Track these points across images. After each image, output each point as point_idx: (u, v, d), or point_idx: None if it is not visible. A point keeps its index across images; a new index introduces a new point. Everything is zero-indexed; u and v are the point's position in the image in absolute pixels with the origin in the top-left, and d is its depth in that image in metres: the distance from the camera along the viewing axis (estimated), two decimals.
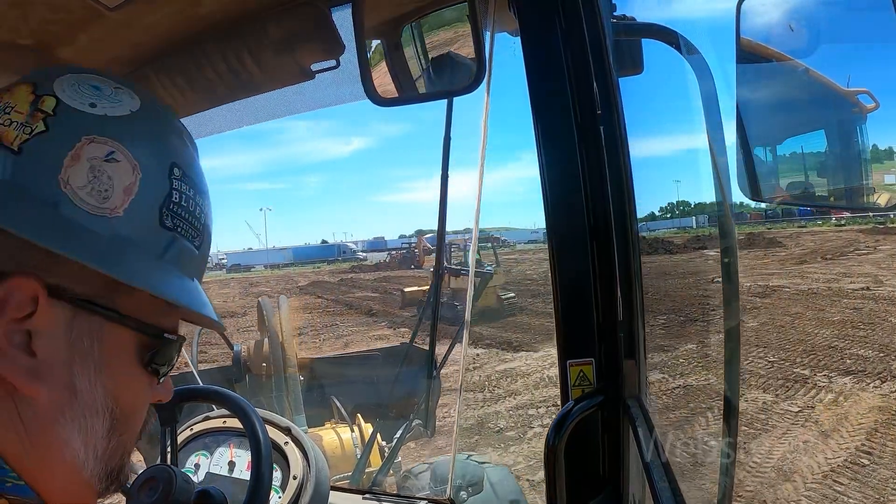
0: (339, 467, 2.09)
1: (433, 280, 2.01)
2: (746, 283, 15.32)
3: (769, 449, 5.97)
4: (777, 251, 24.07)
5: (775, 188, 0.98)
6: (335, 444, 2.24)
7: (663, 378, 7.57)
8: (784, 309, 12.32)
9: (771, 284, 15.19)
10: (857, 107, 0.84)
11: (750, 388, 7.57)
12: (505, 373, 9.99)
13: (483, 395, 9.00)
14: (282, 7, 1.13)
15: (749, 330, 10.32)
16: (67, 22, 1.15)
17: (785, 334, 10.29)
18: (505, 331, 13.68)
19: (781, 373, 8.21)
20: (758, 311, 12.13)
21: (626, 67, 1.03)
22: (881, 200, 0.88)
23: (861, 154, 0.88)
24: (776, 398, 7.33)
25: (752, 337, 9.98)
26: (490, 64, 1.03)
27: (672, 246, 24.88)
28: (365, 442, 2.22)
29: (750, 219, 35.05)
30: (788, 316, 11.64)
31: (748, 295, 13.68)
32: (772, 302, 13.08)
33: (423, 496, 1.80)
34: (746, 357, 8.65)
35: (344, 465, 2.12)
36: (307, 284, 31.11)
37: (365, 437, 2.29)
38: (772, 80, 0.91)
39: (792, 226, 27.92)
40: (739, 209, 37.12)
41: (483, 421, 7.82)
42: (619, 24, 1.02)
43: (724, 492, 1.11)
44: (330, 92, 1.29)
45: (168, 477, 1.08)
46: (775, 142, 0.96)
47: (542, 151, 0.97)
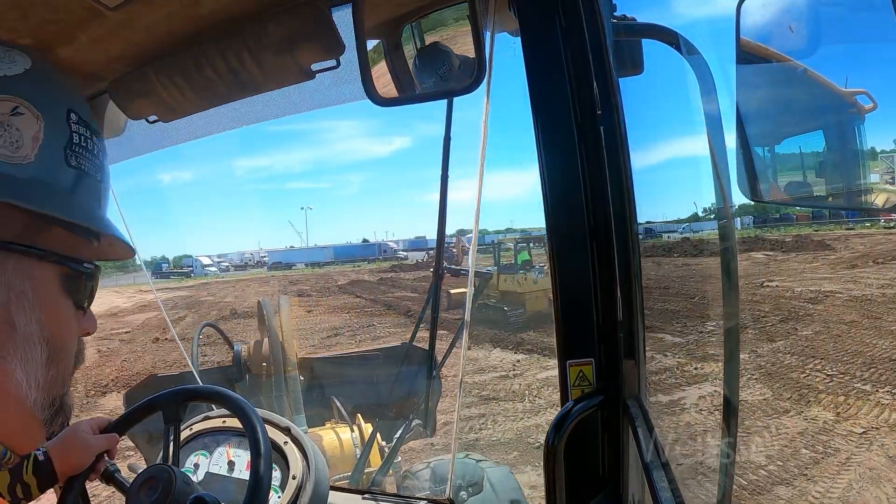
0: (339, 467, 2.09)
1: (433, 280, 2.01)
2: (797, 288, 14.39)
3: (834, 476, 5.34)
4: (826, 254, 22.17)
5: (774, 188, 0.99)
6: (335, 443, 2.24)
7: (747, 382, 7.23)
8: (839, 316, 11.36)
9: (823, 290, 14.15)
10: (856, 107, 0.84)
11: (809, 404, 6.93)
12: (547, 381, 9.14)
13: (523, 405, 8.26)
14: (282, 7, 1.13)
15: (803, 339, 9.75)
16: (67, 22, 1.15)
17: (842, 344, 9.40)
18: (549, 335, 12.45)
19: (841, 388, 7.39)
20: (811, 319, 11.30)
21: (626, 68, 1.03)
22: (879, 200, 0.88)
23: (859, 154, 0.88)
24: (837, 417, 6.59)
25: (807, 347, 9.30)
26: (490, 64, 1.03)
27: (719, 248, 24.26)
28: (365, 442, 2.21)
29: (797, 220, 34.33)
30: (844, 324, 10.66)
31: (800, 301, 12.91)
32: (825, 308, 12.18)
33: (423, 496, 1.80)
34: (803, 370, 8.08)
35: (343, 465, 2.12)
36: (346, 283, 30.27)
37: (365, 437, 2.29)
38: (771, 81, 0.91)
39: (839, 227, 26.64)
40: (787, 211, 36.71)
41: (522, 435, 7.13)
42: (620, 24, 1.02)
43: (723, 492, 1.11)
44: (330, 92, 1.29)
45: (168, 477, 1.08)
46: (775, 142, 0.96)
47: (542, 151, 0.97)
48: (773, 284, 15.37)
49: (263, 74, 1.23)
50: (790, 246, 24.46)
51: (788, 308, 12.22)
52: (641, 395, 0.99)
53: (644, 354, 1.01)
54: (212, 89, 1.29)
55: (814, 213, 35.75)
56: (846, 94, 0.85)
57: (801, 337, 9.87)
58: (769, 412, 6.48)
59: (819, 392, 7.27)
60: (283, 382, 2.27)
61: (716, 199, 1.06)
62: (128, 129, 1.63)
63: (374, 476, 1.96)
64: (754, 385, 7.30)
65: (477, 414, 7.77)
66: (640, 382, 0.99)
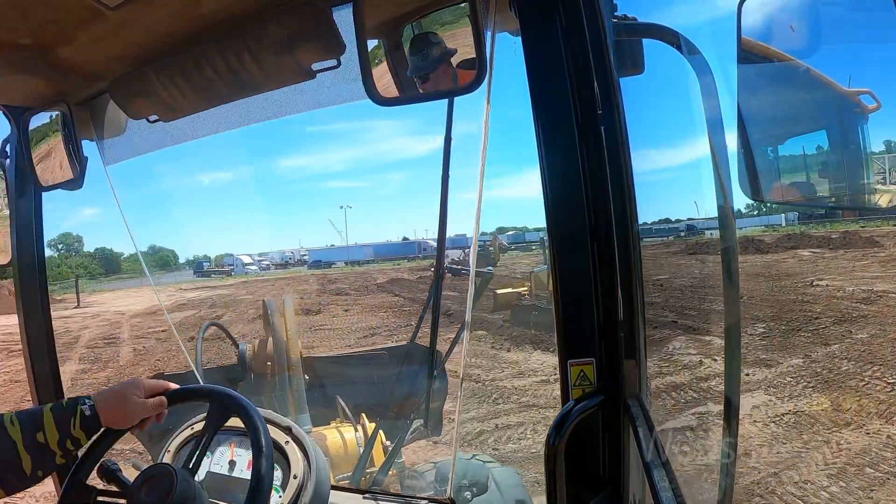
0: (342, 467, 2.09)
1: (433, 280, 2.01)
2: (849, 288, 13.27)
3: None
4: (876, 252, 20.44)
5: (776, 188, 0.98)
6: (338, 443, 2.23)
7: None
8: (895, 318, 10.45)
9: (875, 289, 13.01)
10: (859, 107, 0.84)
11: (870, 416, 6.23)
12: None
13: (553, 413, 7.72)
14: (282, 7, 1.13)
15: (859, 343, 8.86)
16: (67, 22, 1.15)
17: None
18: None
19: None
20: (865, 321, 10.25)
21: (627, 67, 1.03)
22: (882, 201, 0.88)
23: (863, 155, 0.88)
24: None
25: (863, 352, 8.39)
26: (491, 64, 1.03)
27: (763, 245, 23.35)
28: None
29: (843, 216, 33.03)
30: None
31: (852, 301, 11.86)
32: (879, 310, 11.10)
33: (425, 496, 1.80)
34: (861, 377, 7.33)
35: (347, 465, 2.12)
36: (385, 282, 27.81)
37: (369, 436, 2.30)
38: (773, 80, 0.91)
39: (887, 223, 25.06)
40: (834, 205, 35.37)
41: None
42: (620, 24, 1.01)
43: (724, 492, 1.11)
44: (331, 91, 1.29)
45: (169, 476, 1.08)
46: (776, 142, 0.96)
47: (542, 151, 0.97)
48: (824, 284, 14.21)
49: (264, 74, 1.23)
50: (837, 243, 22.81)
51: (841, 309, 11.27)
52: (642, 394, 0.99)
53: (645, 354, 1.01)
54: (212, 89, 1.29)
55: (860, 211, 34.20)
56: (850, 94, 0.84)
57: (856, 340, 8.96)
58: (829, 425, 5.90)
59: (881, 403, 6.59)
60: (286, 382, 2.28)
61: (717, 199, 1.06)
62: (128, 129, 1.63)
63: (375, 475, 1.96)
64: (811, 394, 6.71)
65: (515, 422, 7.00)
66: (641, 382, 0.99)
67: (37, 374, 1.77)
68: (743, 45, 0.87)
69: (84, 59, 1.33)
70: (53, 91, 1.48)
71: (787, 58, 0.86)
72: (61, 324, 21.98)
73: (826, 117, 0.90)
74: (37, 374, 1.77)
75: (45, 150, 1.59)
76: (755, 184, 0.92)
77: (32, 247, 1.74)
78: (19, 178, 1.68)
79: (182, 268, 52.41)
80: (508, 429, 6.78)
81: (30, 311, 1.76)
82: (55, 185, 1.60)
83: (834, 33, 0.84)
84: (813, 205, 0.96)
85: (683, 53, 0.98)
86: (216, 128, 1.51)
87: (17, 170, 1.67)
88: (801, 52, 0.85)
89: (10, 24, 1.14)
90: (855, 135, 0.87)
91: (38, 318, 1.77)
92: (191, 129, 1.52)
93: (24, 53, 1.26)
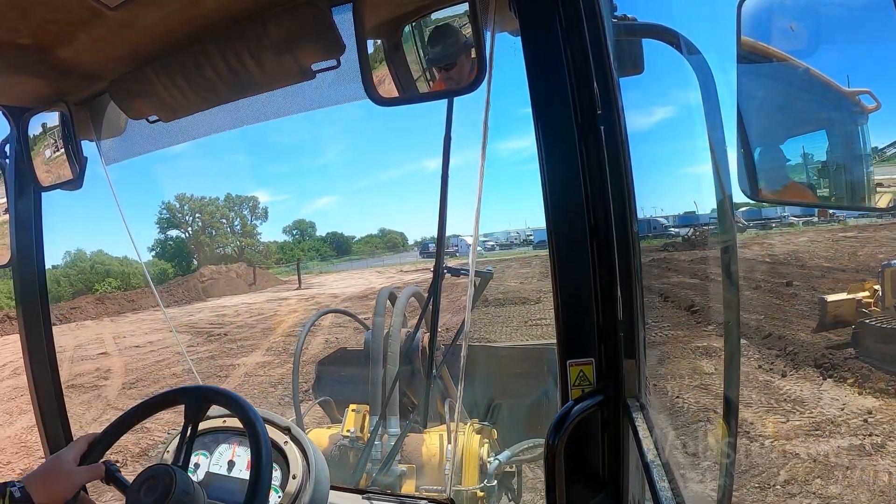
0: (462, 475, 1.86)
1: (433, 279, 2.00)
2: None
3: None
4: None
5: (776, 188, 0.98)
6: (437, 449, 1.94)
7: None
8: None
9: None
10: (859, 107, 0.84)
11: None
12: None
13: None
14: (282, 7, 1.13)
15: None
16: (67, 22, 1.15)
17: None
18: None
19: None
20: None
21: (627, 67, 1.03)
22: (882, 201, 0.88)
23: (862, 154, 0.88)
24: None
25: None
26: (491, 64, 1.03)
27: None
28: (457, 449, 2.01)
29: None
30: None
31: None
32: None
33: (424, 495, 1.80)
34: None
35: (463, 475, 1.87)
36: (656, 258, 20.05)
37: (485, 442, 2.10)
38: (772, 80, 0.91)
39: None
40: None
41: None
42: (620, 24, 1.02)
43: (724, 492, 1.11)
44: (331, 91, 1.29)
45: (168, 477, 1.08)
46: (776, 142, 0.96)
47: (542, 151, 0.97)
48: None
49: (264, 74, 1.23)
50: None
51: None
52: (641, 394, 0.99)
53: (644, 354, 1.01)
54: (212, 89, 1.29)
55: None
56: (849, 94, 0.84)
57: None
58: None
59: None
60: (379, 375, 2.07)
61: (716, 199, 1.06)
62: (128, 129, 1.63)
63: (375, 476, 1.96)
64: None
65: None
66: (640, 382, 0.99)
67: (36, 378, 1.76)
68: (743, 45, 0.87)
69: (84, 59, 1.33)
70: (53, 91, 1.48)
71: (786, 58, 0.86)
72: (273, 306, 21.63)
73: (826, 117, 0.90)
74: (36, 377, 1.76)
75: (44, 151, 1.59)
76: (754, 183, 0.92)
77: (32, 248, 1.74)
78: (19, 179, 1.68)
79: (410, 249, 53.66)
80: None
81: (30, 312, 1.76)
82: (55, 185, 1.60)
83: (833, 33, 0.84)
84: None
85: (683, 53, 0.98)
86: (216, 128, 1.51)
87: (16, 170, 1.67)
88: (800, 52, 0.85)
89: (10, 24, 1.14)
90: (855, 135, 0.87)
91: (38, 318, 1.77)
92: (190, 130, 1.52)
93: (24, 53, 1.26)
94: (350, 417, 2.11)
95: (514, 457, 1.99)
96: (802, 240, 22.04)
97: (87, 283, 32.32)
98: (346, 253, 55.38)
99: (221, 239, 47.36)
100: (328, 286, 28.89)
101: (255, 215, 50.01)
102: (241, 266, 36.70)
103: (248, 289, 32.22)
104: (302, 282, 31.69)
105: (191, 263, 41.78)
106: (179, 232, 45.77)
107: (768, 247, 20.71)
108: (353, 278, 31.80)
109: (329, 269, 44.55)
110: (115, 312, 25.40)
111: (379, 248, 56.31)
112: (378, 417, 2.00)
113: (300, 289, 29.14)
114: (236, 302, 25.49)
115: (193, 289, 30.40)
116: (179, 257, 42.98)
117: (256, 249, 48.12)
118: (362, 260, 48.53)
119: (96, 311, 25.68)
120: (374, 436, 1.99)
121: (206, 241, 45.90)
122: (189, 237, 45.66)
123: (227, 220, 48.18)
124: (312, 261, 49.71)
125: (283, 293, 27.46)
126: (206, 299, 28.57)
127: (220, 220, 47.44)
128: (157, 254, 43.72)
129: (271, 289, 31.98)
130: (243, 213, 49.37)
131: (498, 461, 1.96)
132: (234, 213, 48.69)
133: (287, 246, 52.73)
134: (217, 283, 31.90)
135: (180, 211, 45.85)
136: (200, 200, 46.66)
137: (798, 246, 20.03)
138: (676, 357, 7.93)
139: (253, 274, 35.02)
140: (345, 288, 25.89)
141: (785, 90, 0.92)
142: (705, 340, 8.42)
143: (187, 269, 38.61)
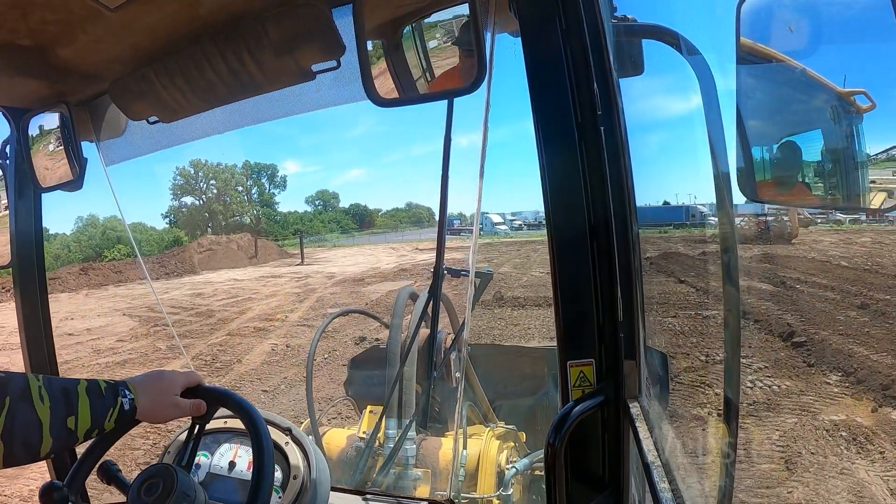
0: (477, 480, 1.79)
1: (433, 280, 2.00)
2: None
3: None
4: None
5: (775, 188, 0.99)
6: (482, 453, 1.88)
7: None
8: None
9: None
10: (854, 107, 0.84)
11: None
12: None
13: None
14: (282, 8, 1.13)
15: None
16: (67, 22, 1.15)
17: None
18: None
19: None
20: None
21: (627, 68, 1.03)
22: (876, 201, 0.88)
23: (857, 154, 0.88)
24: None
25: None
26: (491, 64, 1.03)
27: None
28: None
29: None
30: None
31: None
32: None
33: (424, 497, 1.79)
34: None
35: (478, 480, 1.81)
36: (657, 256, 18.15)
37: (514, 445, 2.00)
38: (771, 81, 0.91)
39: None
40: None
41: None
42: (620, 24, 1.02)
43: (724, 492, 1.11)
44: (331, 92, 1.29)
45: (169, 476, 1.08)
46: (774, 142, 0.96)
47: (542, 152, 0.97)
48: None
49: (264, 75, 1.23)
50: None
51: None
52: (641, 395, 0.99)
53: (644, 355, 1.01)
54: (212, 90, 1.29)
55: None
56: (845, 94, 0.85)
57: None
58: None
59: None
60: (394, 377, 2.07)
61: (716, 199, 1.06)
62: (128, 130, 1.63)
63: (375, 476, 1.95)
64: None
65: None
66: (641, 383, 0.99)
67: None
68: (742, 46, 0.87)
69: (84, 60, 1.33)
70: (53, 92, 1.48)
71: (785, 58, 0.87)
72: (258, 286, 19.21)
73: (822, 117, 0.90)
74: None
75: (44, 152, 1.59)
76: (753, 183, 0.92)
77: (32, 248, 1.74)
78: (19, 180, 1.68)
79: (436, 224, 53.45)
80: None
81: (29, 313, 1.76)
82: (55, 186, 1.60)
83: (832, 34, 0.84)
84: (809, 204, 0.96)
85: (683, 54, 0.99)
86: (216, 129, 1.51)
87: (16, 171, 1.67)
88: (799, 52, 0.85)
89: (10, 25, 1.14)
90: (850, 135, 0.88)
91: (38, 319, 1.77)
92: (191, 131, 1.52)
93: (24, 54, 1.26)
94: (367, 419, 2.09)
95: (533, 464, 1.94)
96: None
97: (97, 250, 31.37)
98: (368, 226, 53.86)
99: (237, 207, 45.91)
100: (332, 262, 26.99)
101: (274, 184, 48.73)
102: (243, 237, 34.70)
103: (248, 262, 30.09)
104: (308, 256, 30.10)
105: (205, 232, 40.30)
106: (194, 198, 44.73)
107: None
108: (362, 255, 29.70)
109: (344, 244, 42.73)
110: (97, 284, 23.02)
111: (403, 223, 54.88)
112: (387, 419, 1.98)
113: (301, 264, 27.24)
114: (225, 278, 23.45)
115: (188, 260, 28.16)
116: (192, 225, 41.77)
117: (273, 219, 46.89)
118: (384, 234, 46.49)
119: (77, 282, 23.21)
120: (373, 437, 1.98)
121: (220, 209, 44.49)
122: (203, 204, 44.55)
123: (245, 188, 46.87)
124: (333, 233, 48.06)
125: (283, 269, 25.49)
126: (199, 272, 26.42)
127: (235, 188, 45.96)
128: (169, 221, 42.74)
129: (273, 263, 29.85)
130: (261, 181, 48.08)
131: (515, 469, 1.91)
132: (252, 181, 47.46)
133: (307, 216, 51.47)
134: (214, 255, 29.80)
135: (194, 177, 44.63)
136: (216, 167, 45.22)
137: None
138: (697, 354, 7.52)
139: (255, 246, 33.02)
140: (346, 267, 24.04)
141: (784, 91, 0.92)
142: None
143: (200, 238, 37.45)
